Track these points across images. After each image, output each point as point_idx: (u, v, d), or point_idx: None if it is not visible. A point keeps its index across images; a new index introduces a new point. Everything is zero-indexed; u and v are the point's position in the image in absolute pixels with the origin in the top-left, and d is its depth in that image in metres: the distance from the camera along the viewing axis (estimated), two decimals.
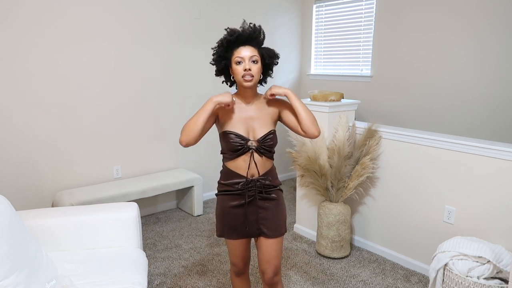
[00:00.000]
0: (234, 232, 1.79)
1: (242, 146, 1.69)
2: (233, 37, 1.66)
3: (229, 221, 1.78)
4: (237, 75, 1.67)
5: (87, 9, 3.04)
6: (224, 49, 1.69)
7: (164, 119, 3.64)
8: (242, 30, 1.67)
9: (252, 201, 1.75)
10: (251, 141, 1.70)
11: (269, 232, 1.77)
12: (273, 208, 1.78)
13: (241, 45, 1.67)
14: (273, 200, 1.78)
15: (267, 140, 1.71)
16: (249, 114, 1.74)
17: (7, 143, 2.82)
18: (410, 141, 2.66)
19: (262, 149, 1.71)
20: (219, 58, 1.72)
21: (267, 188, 1.76)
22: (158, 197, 3.71)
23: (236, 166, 1.73)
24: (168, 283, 2.55)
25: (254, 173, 1.73)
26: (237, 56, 1.66)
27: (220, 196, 1.81)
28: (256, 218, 1.76)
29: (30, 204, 2.96)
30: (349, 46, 4.23)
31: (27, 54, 2.82)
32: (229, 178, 1.75)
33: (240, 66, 1.65)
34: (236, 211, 1.76)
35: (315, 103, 2.91)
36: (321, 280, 2.60)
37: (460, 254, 2.11)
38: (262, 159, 1.72)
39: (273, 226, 1.78)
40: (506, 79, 3.14)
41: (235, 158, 1.71)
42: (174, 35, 3.57)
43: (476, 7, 3.22)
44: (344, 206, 2.85)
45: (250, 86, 1.68)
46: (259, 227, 1.77)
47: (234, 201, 1.75)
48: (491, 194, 2.30)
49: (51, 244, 2.03)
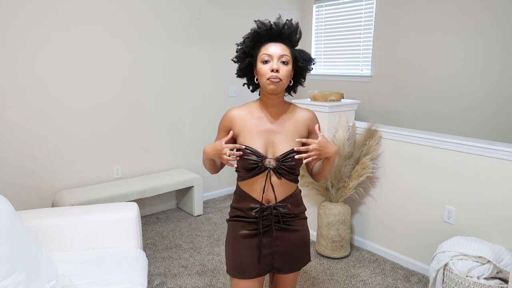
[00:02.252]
0: (246, 269, 1.48)
1: (256, 165, 1.40)
2: (263, 30, 1.39)
3: (240, 253, 1.49)
4: (261, 76, 1.38)
5: (87, 9, 3.04)
6: (251, 44, 1.41)
7: (164, 119, 3.64)
8: (275, 23, 1.41)
9: (267, 231, 1.47)
10: (269, 159, 1.41)
11: (285, 268, 1.51)
12: (292, 241, 1.50)
13: (272, 41, 1.40)
14: (293, 232, 1.50)
15: (288, 159, 1.40)
16: (270, 126, 1.44)
17: (7, 143, 2.82)
18: (410, 141, 2.66)
19: (281, 170, 1.41)
20: (244, 54, 1.44)
21: (286, 217, 1.47)
22: (158, 197, 3.71)
23: (250, 188, 1.45)
24: (168, 283, 2.55)
25: (271, 198, 1.44)
26: (264, 53, 1.37)
27: (231, 223, 1.53)
28: (270, 251, 1.48)
29: (30, 204, 2.96)
30: (349, 46, 4.23)
31: (26, 54, 2.82)
32: (241, 201, 1.49)
33: (267, 65, 1.37)
34: (249, 242, 1.47)
35: (315, 103, 2.91)
36: (321, 280, 2.60)
37: (460, 254, 2.11)
38: (281, 181, 1.43)
39: (290, 261, 1.51)
40: (507, 79, 3.14)
41: (249, 178, 1.44)
42: (174, 35, 3.57)
43: (477, 6, 3.22)
44: (344, 206, 2.86)
45: (275, 91, 1.37)
46: (272, 262, 1.49)
47: (246, 229, 1.48)
48: (491, 194, 2.30)
49: (51, 244, 2.03)
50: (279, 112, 1.46)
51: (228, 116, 1.48)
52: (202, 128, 3.90)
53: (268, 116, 1.45)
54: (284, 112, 1.47)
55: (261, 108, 1.46)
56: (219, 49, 3.88)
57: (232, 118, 1.46)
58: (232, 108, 1.50)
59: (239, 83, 3.15)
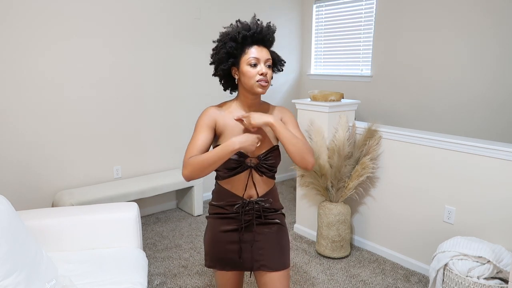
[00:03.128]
0: (226, 263, 1.53)
1: (239, 164, 1.45)
2: (250, 32, 1.41)
3: (220, 249, 1.52)
4: (249, 78, 1.40)
5: (87, 9, 3.04)
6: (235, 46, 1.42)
7: (164, 119, 3.64)
8: (257, 26, 1.43)
9: (248, 227, 1.50)
10: (250, 158, 1.46)
11: (270, 264, 1.51)
12: (274, 235, 1.53)
13: (255, 44, 1.43)
14: (274, 225, 1.54)
15: (268, 157, 1.47)
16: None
17: (7, 143, 2.82)
18: (410, 141, 2.66)
19: (263, 168, 1.47)
20: (227, 55, 1.43)
21: (267, 212, 1.52)
22: (158, 197, 3.71)
23: (231, 186, 1.49)
24: (168, 283, 2.55)
25: (252, 194, 1.50)
26: (252, 56, 1.40)
27: (211, 219, 1.55)
28: (252, 247, 1.51)
29: (30, 204, 2.96)
30: (349, 46, 4.23)
31: (26, 54, 2.82)
32: (222, 198, 1.51)
33: (255, 69, 1.40)
34: (229, 237, 1.51)
35: (315, 103, 2.91)
36: (321, 280, 2.60)
37: (460, 254, 2.11)
38: (262, 178, 1.49)
39: (274, 256, 1.52)
40: (506, 79, 3.14)
41: (230, 177, 1.48)
42: (174, 35, 3.57)
43: (476, 7, 3.22)
44: (344, 206, 2.86)
45: (263, 93, 1.44)
46: (256, 258, 1.51)
47: (227, 225, 1.51)
48: (491, 194, 2.30)
49: (51, 244, 2.03)
50: (257, 111, 1.48)
51: (210, 114, 1.46)
52: None
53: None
54: (261, 111, 1.50)
55: (240, 107, 1.49)
56: None
57: (214, 117, 1.46)
58: (211, 106, 1.50)
59: None
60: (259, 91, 1.42)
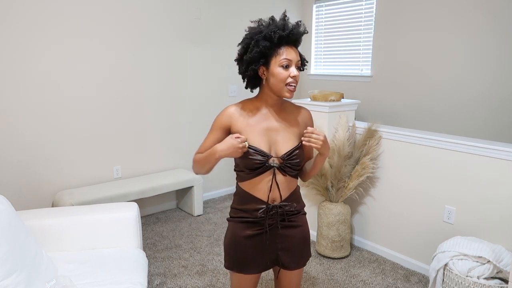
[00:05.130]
0: (248, 266, 1.49)
1: (262, 164, 1.39)
2: (286, 33, 1.36)
3: (241, 252, 1.49)
4: (280, 81, 1.36)
5: (87, 10, 3.04)
6: (269, 45, 1.35)
7: (164, 119, 3.64)
8: (293, 27, 1.40)
9: (271, 230, 1.47)
10: (273, 157, 1.41)
11: (292, 264, 1.52)
12: (297, 236, 1.51)
13: (288, 45, 1.38)
14: (296, 228, 1.51)
15: (292, 157, 1.42)
16: (271, 125, 1.43)
17: (7, 143, 2.82)
18: (410, 141, 2.66)
19: (287, 168, 1.42)
20: (260, 54, 1.36)
21: (290, 214, 1.48)
22: (158, 197, 3.71)
23: (253, 188, 1.43)
24: (168, 283, 2.55)
25: (276, 197, 1.44)
26: (285, 57, 1.35)
27: (233, 223, 1.51)
28: (275, 248, 1.49)
29: (30, 204, 2.96)
30: (349, 46, 4.23)
31: (27, 54, 2.82)
32: (245, 202, 1.46)
33: (287, 71, 1.36)
34: (252, 241, 1.47)
35: (315, 103, 2.91)
36: (321, 280, 2.60)
37: (460, 254, 2.11)
38: (285, 179, 1.43)
39: (296, 257, 1.52)
40: (506, 79, 3.14)
41: (252, 178, 1.42)
42: (174, 35, 3.57)
43: (476, 7, 3.22)
44: (344, 206, 2.85)
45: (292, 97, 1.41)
46: (277, 259, 1.50)
47: (250, 229, 1.46)
48: (491, 194, 2.30)
49: (51, 244, 2.03)
50: (279, 110, 1.46)
51: (227, 114, 1.44)
52: (202, 128, 3.90)
53: (268, 114, 1.44)
54: (283, 110, 1.47)
55: (261, 106, 1.45)
56: (219, 49, 3.88)
57: (232, 116, 1.44)
58: (230, 105, 1.47)
59: (239, 83, 3.15)
60: (286, 96, 1.39)
